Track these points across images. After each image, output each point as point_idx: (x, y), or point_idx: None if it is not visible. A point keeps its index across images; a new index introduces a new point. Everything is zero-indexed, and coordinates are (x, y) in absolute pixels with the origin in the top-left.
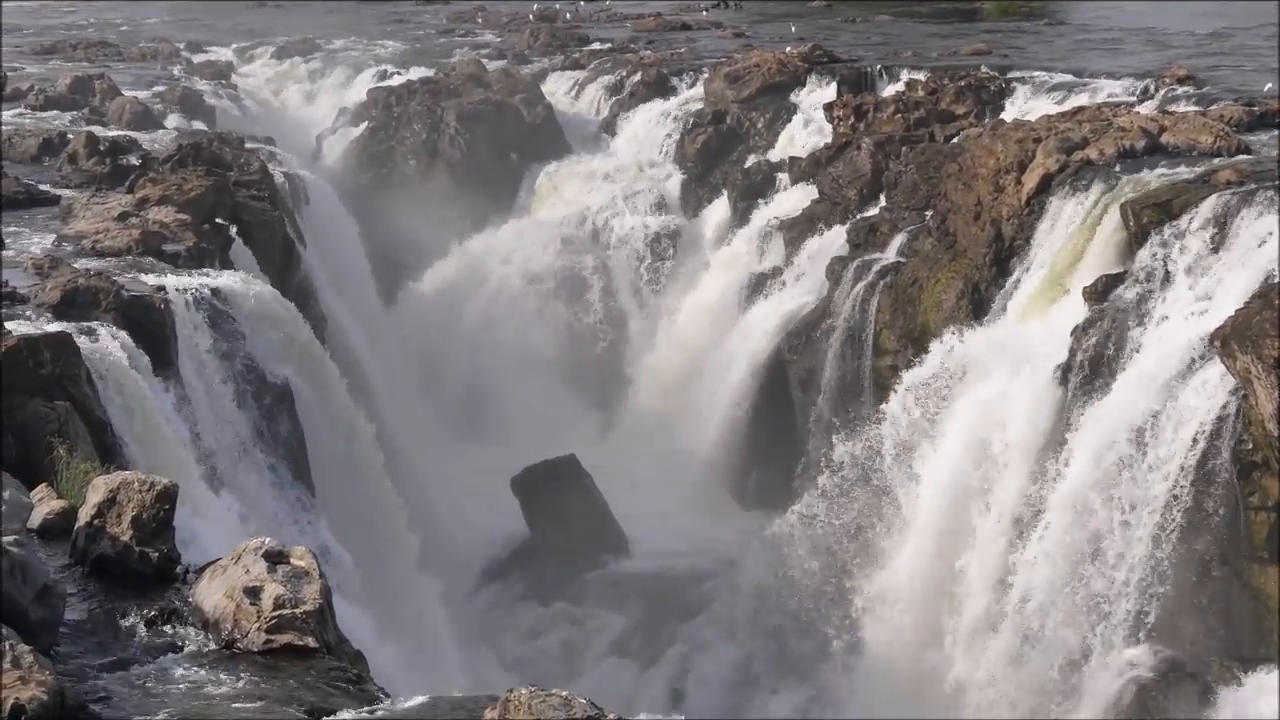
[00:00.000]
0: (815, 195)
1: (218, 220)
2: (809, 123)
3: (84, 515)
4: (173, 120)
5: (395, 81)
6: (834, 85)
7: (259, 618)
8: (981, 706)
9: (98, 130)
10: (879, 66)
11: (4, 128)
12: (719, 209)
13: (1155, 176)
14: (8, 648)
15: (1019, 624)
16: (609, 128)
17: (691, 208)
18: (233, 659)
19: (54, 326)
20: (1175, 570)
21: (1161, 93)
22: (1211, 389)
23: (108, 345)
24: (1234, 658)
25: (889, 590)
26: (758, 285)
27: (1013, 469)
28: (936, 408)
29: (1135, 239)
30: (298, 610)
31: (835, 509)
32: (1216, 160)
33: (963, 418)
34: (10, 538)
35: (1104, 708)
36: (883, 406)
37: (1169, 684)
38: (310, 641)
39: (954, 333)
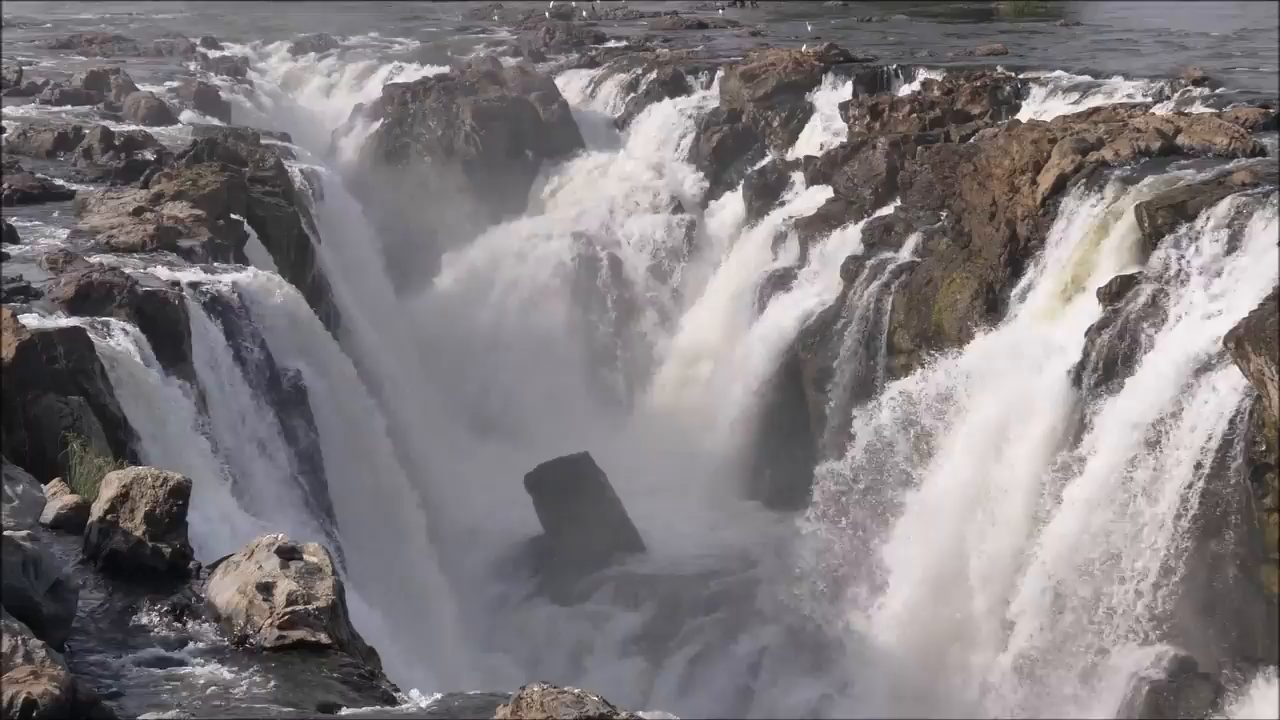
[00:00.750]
0: (830, 194)
1: (233, 216)
2: (825, 122)
3: (97, 510)
4: (188, 115)
5: (411, 78)
6: (850, 85)
7: (271, 614)
8: (994, 706)
9: (113, 125)
10: (895, 66)
11: (19, 123)
12: (734, 207)
13: (1170, 178)
14: (20, 642)
15: (1031, 624)
16: (624, 125)
17: (706, 206)
18: (245, 655)
19: (68, 321)
20: (1188, 571)
21: (1177, 94)
22: (1224, 391)
23: (121, 340)
24: (1246, 659)
25: (904, 590)
26: (772, 284)
27: (1026, 469)
28: (951, 408)
29: (1150, 240)
30: (310, 606)
31: (850, 509)
32: (1232, 162)
33: (977, 418)
34: (23, 532)
35: (1116, 708)
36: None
37: (1181, 685)
38: (323, 638)
39: (967, 337)
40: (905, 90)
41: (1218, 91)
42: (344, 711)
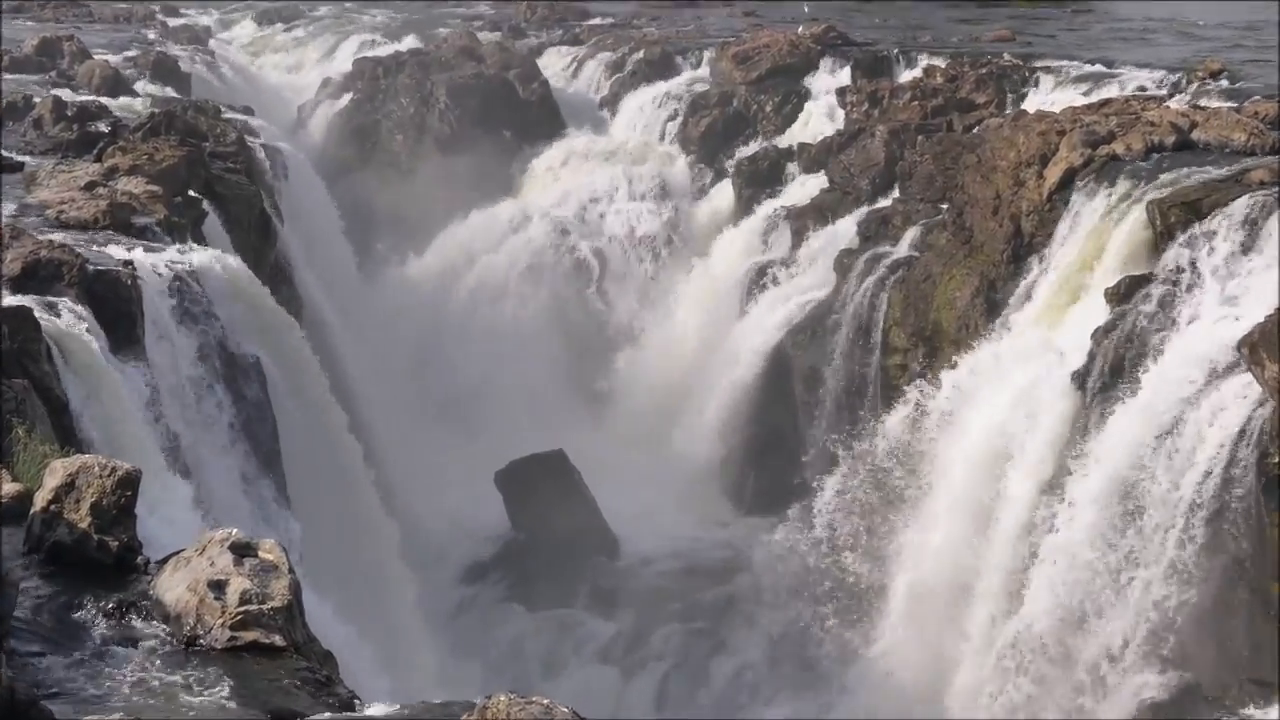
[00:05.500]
0: (825, 184)
1: (191, 193)
2: (821, 108)
3: (40, 500)
4: (145, 86)
5: (383, 52)
6: (848, 69)
7: (223, 613)
8: (996, 712)
9: (66, 95)
10: (896, 51)
11: None
12: (723, 196)
13: (1184, 174)
14: None
15: (1032, 637)
16: (609, 107)
17: (694, 194)
18: (195, 656)
19: (13, 300)
20: (1195, 587)
21: (1193, 87)
22: (1236, 398)
23: (70, 321)
24: (1254, 681)
25: (901, 599)
26: (762, 277)
27: (1027, 477)
28: (950, 413)
29: (1161, 239)
30: (264, 606)
31: (842, 515)
32: (1249, 159)
33: (977, 423)
34: None
35: None
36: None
37: (1184, 707)
38: (277, 639)
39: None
40: (906, 76)
41: (1237, 85)
42: (297, 718)
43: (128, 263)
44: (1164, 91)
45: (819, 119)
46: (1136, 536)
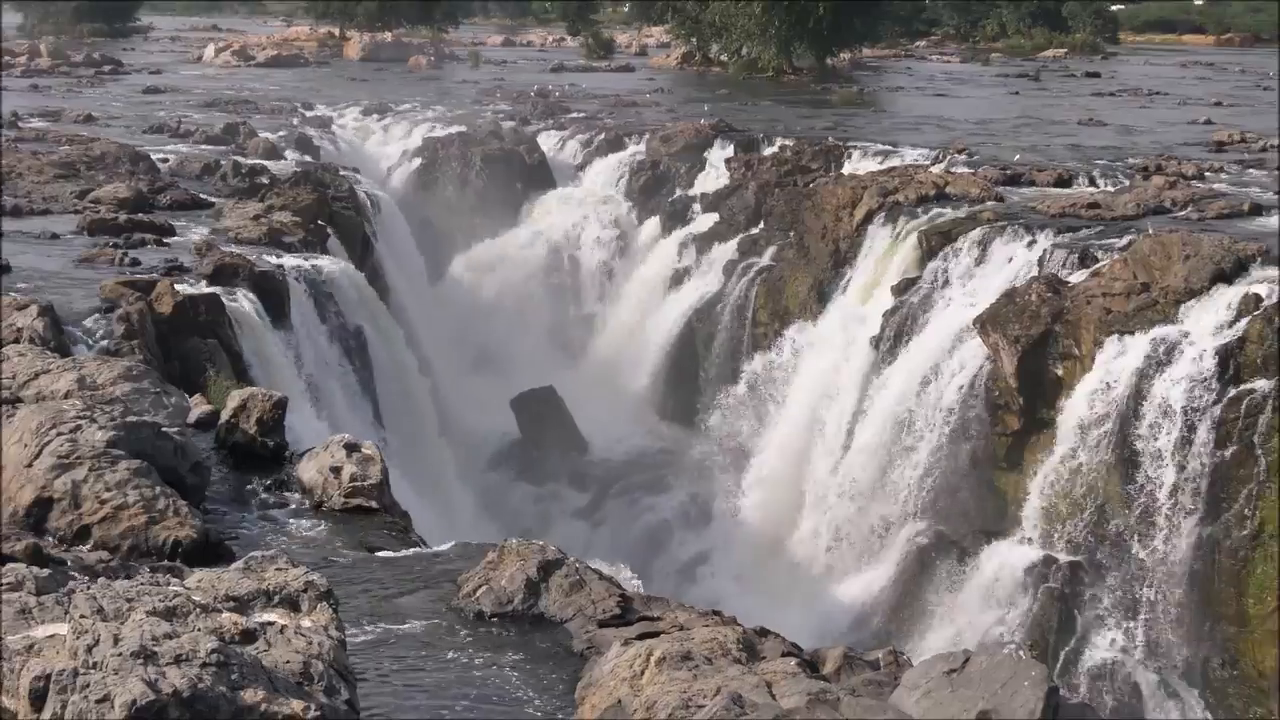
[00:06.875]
0: (717, 219)
1: (319, 222)
2: (715, 170)
3: (224, 415)
4: (291, 154)
5: (440, 133)
6: (731, 146)
7: (339, 487)
8: (819, 551)
9: (240, 159)
10: (762, 134)
11: (178, 155)
12: (652, 226)
13: (941, 214)
14: (171, 502)
15: (845, 503)
16: (582, 169)
17: (635, 225)
18: (321, 515)
19: (207, 289)
20: (946, 472)
21: (947, 159)
22: (972, 355)
23: (243, 303)
24: (983, 532)
25: (762, 476)
26: (677, 278)
27: (842, 402)
28: (794, 363)
29: (926, 255)
30: (365, 483)
31: (728, 423)
32: (981, 205)
33: (811, 367)
34: (175, 428)
35: (897, 562)
36: (754, 362)
37: (939, 549)
38: (373, 504)
39: (806, 316)
40: (769, 150)
41: (974, 158)
42: (386, 552)
43: (280, 266)
44: (928, 162)
45: (713, 177)
46: (909, 438)
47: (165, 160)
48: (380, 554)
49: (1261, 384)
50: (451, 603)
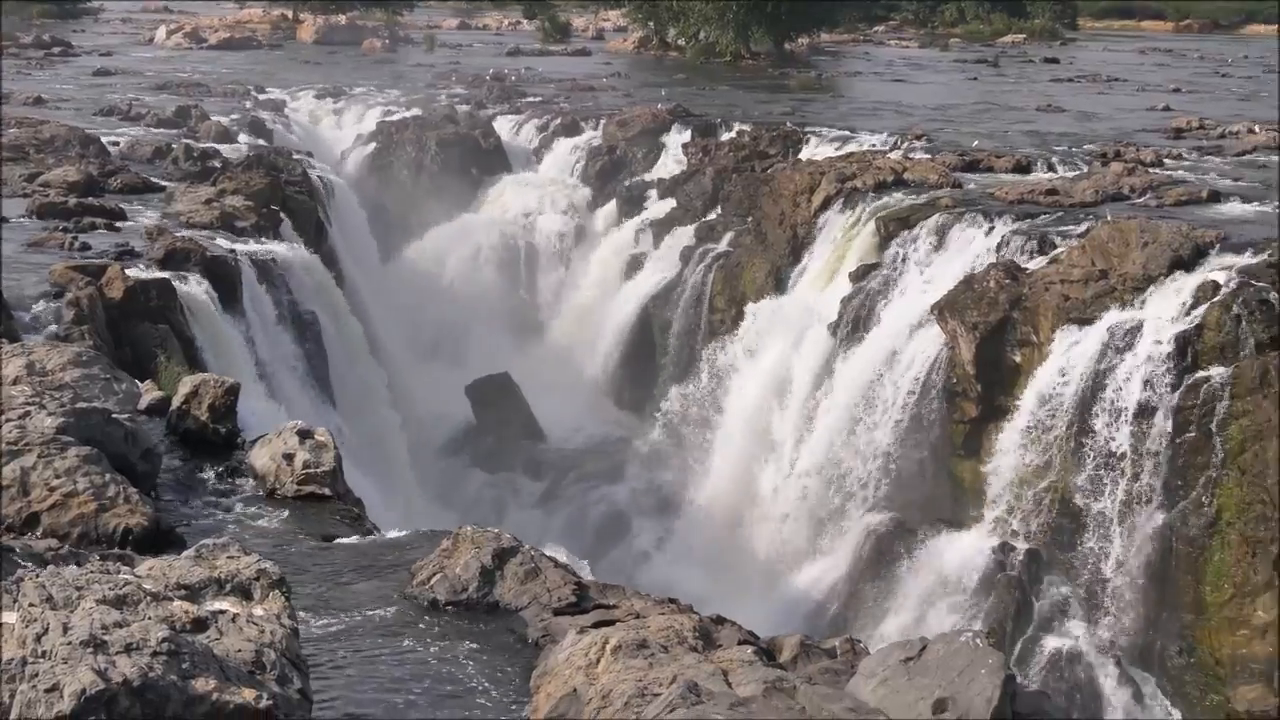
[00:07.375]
0: (674, 204)
1: (272, 206)
2: (672, 155)
3: (175, 402)
4: (244, 137)
5: (395, 117)
6: (689, 131)
7: (292, 474)
8: (775, 540)
9: (192, 142)
10: (720, 119)
11: (129, 138)
12: (609, 212)
13: (899, 200)
14: (121, 489)
15: (800, 490)
16: (538, 154)
17: (592, 210)
18: (273, 502)
19: (159, 274)
20: (903, 461)
21: (905, 145)
22: (930, 342)
23: (195, 289)
24: (939, 520)
25: (719, 464)
26: (635, 262)
27: (799, 388)
28: (751, 350)
29: (884, 241)
30: (318, 470)
31: (680, 411)
32: (939, 191)
33: (769, 354)
34: (126, 415)
35: (854, 550)
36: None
37: (896, 537)
38: (326, 491)
39: (761, 301)
40: (726, 136)
41: (932, 144)
42: (339, 540)
43: (232, 251)
44: (887, 148)
45: (670, 163)
46: (867, 425)
47: (116, 143)
48: (333, 541)
49: (1219, 371)
50: (405, 591)
